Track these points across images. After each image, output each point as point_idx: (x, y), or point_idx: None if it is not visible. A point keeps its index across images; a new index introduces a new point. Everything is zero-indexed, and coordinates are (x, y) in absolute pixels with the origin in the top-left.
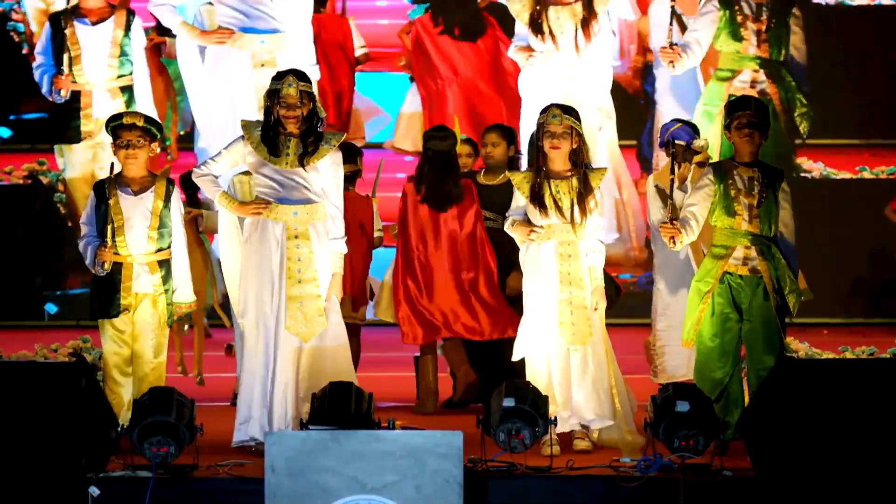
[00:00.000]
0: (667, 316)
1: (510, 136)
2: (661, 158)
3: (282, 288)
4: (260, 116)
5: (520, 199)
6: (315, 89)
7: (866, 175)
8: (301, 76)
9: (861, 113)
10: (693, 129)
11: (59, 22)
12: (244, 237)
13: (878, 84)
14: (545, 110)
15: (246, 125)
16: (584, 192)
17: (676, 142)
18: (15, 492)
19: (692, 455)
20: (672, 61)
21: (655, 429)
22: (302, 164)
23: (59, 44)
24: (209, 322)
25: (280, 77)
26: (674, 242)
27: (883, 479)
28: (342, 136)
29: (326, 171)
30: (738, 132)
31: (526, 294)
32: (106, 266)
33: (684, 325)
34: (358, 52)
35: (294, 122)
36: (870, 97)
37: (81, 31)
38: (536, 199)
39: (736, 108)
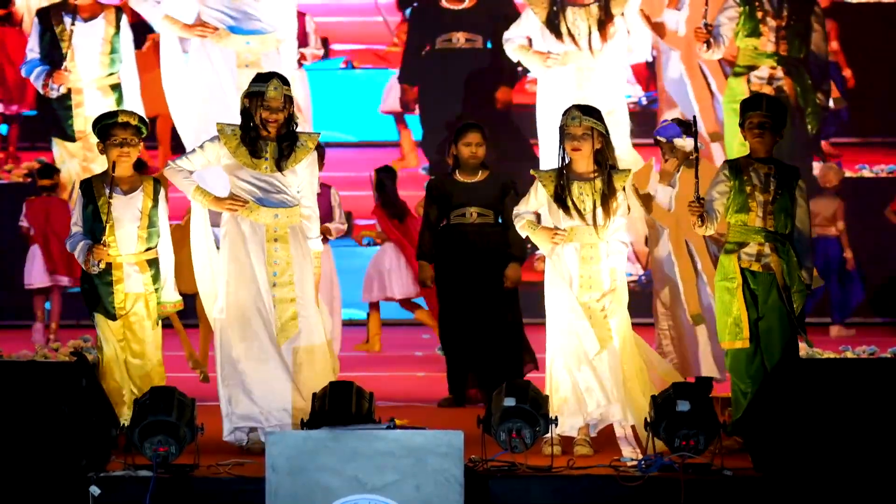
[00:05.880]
0: (669, 315)
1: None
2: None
3: (262, 286)
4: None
5: (532, 199)
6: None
7: (866, 174)
8: (283, 80)
9: (862, 111)
10: (685, 128)
11: (47, 17)
12: (222, 233)
13: (880, 82)
14: (566, 112)
15: (221, 129)
16: (607, 194)
17: (658, 138)
18: (16, 491)
19: (693, 455)
20: (706, 41)
21: (656, 428)
22: (280, 168)
23: (49, 39)
24: None
25: (263, 80)
26: (702, 221)
27: (883, 478)
28: (317, 136)
29: (303, 173)
30: (750, 132)
31: (547, 298)
32: (101, 265)
33: (719, 326)
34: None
35: (274, 126)
36: (871, 95)
37: (74, 28)
38: (559, 200)
39: (748, 107)
